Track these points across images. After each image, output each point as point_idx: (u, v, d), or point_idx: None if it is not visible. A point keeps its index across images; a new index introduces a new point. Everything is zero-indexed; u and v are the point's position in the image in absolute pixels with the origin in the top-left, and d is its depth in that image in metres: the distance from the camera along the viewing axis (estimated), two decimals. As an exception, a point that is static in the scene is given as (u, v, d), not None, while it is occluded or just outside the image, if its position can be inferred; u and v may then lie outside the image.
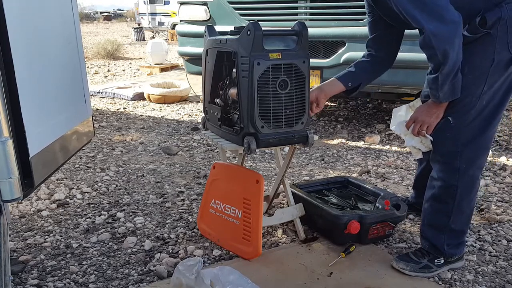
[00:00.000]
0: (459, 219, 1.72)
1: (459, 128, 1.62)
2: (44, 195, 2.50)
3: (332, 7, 3.48)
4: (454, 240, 1.75)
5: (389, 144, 3.60)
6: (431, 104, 1.64)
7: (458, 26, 1.45)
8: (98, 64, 9.17)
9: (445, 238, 1.74)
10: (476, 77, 1.57)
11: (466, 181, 1.66)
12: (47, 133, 1.38)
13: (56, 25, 1.54)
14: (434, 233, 1.76)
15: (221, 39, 1.81)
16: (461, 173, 1.65)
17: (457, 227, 1.73)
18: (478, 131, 1.62)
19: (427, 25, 1.45)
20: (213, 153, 3.40)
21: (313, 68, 3.35)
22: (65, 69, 1.60)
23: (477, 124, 1.61)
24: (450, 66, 1.48)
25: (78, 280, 1.72)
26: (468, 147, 1.63)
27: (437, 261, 1.75)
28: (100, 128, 4.14)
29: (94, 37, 16.00)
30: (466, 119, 1.61)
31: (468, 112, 1.60)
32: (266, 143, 1.72)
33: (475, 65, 1.56)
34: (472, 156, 1.64)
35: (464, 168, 1.64)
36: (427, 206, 1.78)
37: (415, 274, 1.74)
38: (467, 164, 1.64)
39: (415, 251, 1.82)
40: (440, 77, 1.51)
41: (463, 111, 1.61)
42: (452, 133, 1.63)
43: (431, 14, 1.45)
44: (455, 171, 1.65)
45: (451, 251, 1.76)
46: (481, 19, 1.50)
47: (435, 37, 1.44)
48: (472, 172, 1.66)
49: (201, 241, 2.02)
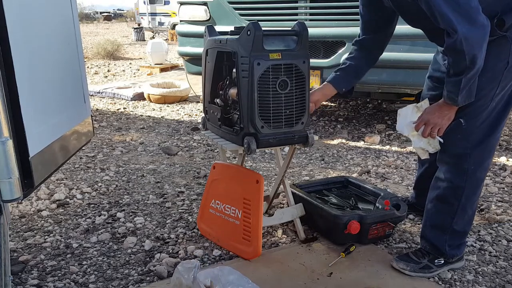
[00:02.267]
0: (462, 220, 1.72)
1: (471, 130, 1.61)
2: (44, 195, 2.50)
3: (332, 7, 3.48)
4: (455, 241, 1.75)
5: (389, 144, 3.60)
6: (443, 106, 1.61)
7: (488, 30, 1.41)
8: (98, 64, 9.17)
9: (446, 239, 1.74)
10: (489, 79, 1.56)
11: (473, 183, 1.66)
12: (47, 133, 1.38)
13: (56, 25, 1.54)
14: (436, 233, 1.76)
15: (221, 39, 1.81)
16: (469, 174, 1.65)
17: (459, 228, 1.73)
18: (487, 133, 1.62)
19: (460, 28, 1.37)
20: (213, 153, 3.40)
21: (313, 68, 3.35)
22: (65, 69, 1.60)
23: (486, 126, 1.61)
24: (475, 70, 1.45)
25: (78, 280, 1.72)
26: (477, 149, 1.63)
27: (437, 261, 1.76)
28: (100, 128, 4.14)
29: (94, 37, 16.00)
30: (478, 120, 1.60)
31: (480, 114, 1.60)
32: (266, 143, 1.72)
33: (488, 67, 1.54)
34: (480, 158, 1.64)
35: (472, 169, 1.64)
36: (430, 207, 1.77)
37: (415, 274, 1.74)
38: (475, 165, 1.64)
39: (415, 251, 1.82)
40: (464, 80, 1.47)
41: (476, 113, 1.60)
42: (463, 135, 1.63)
43: (464, 16, 1.38)
44: (464, 172, 1.65)
45: (452, 252, 1.76)
46: (499, 21, 1.48)
47: (466, 40, 1.39)
48: (479, 174, 1.66)
49: (201, 241, 2.02)
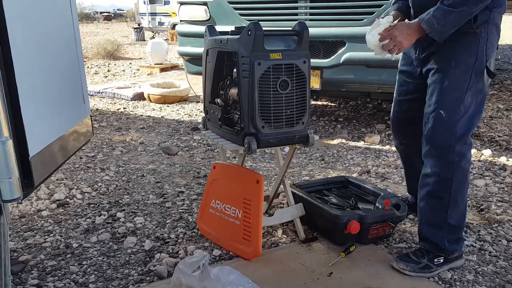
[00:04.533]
0: (455, 214, 1.75)
1: (451, 122, 1.67)
2: (44, 195, 2.50)
3: (332, 7, 3.48)
4: (453, 235, 1.77)
5: (389, 144, 3.60)
6: (414, 27, 1.64)
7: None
8: (98, 64, 9.16)
9: (444, 234, 1.76)
10: (462, 71, 1.65)
11: (459, 174, 1.71)
12: (47, 133, 1.38)
13: (56, 25, 1.54)
14: (434, 231, 1.78)
15: (222, 39, 1.81)
16: (454, 166, 1.69)
17: (454, 222, 1.76)
18: (465, 127, 1.69)
19: None
20: (213, 153, 3.40)
21: (313, 68, 3.34)
22: (64, 69, 1.60)
23: (465, 120, 1.68)
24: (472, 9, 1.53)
25: (78, 280, 1.72)
26: (459, 142, 1.69)
27: (436, 261, 1.76)
28: (100, 128, 4.14)
29: (94, 37, 15.99)
30: (457, 113, 1.67)
31: (458, 107, 1.66)
32: (266, 143, 1.73)
33: (461, 60, 1.64)
34: (462, 150, 1.70)
35: (457, 161, 1.69)
36: (423, 205, 1.80)
37: (415, 274, 1.74)
38: (459, 157, 1.69)
39: (415, 251, 1.83)
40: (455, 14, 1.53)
41: (453, 105, 1.67)
42: (445, 127, 1.68)
43: None
44: (449, 164, 1.69)
45: (452, 247, 1.77)
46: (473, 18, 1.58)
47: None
48: (463, 164, 1.71)
49: (201, 241, 2.02)
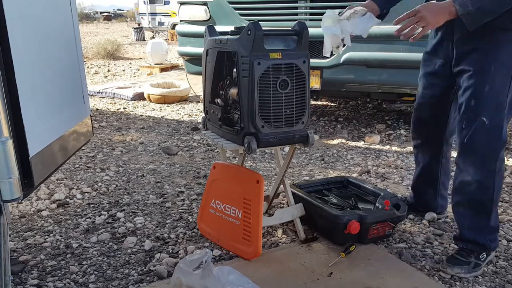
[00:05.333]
0: (495, 215, 1.77)
1: (496, 129, 1.62)
2: (44, 195, 2.50)
3: (332, 7, 3.47)
4: (493, 235, 1.80)
5: (389, 144, 3.60)
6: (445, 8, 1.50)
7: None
8: (98, 64, 9.17)
9: (487, 235, 1.78)
10: (503, 75, 1.57)
11: (499, 179, 1.71)
12: (47, 133, 1.38)
13: (55, 25, 1.54)
14: (477, 233, 1.78)
15: (222, 39, 1.81)
16: (496, 173, 1.68)
17: (493, 223, 1.78)
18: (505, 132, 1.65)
19: None
20: (213, 153, 3.40)
21: (313, 68, 3.34)
22: (64, 69, 1.60)
23: (504, 125, 1.64)
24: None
25: (78, 280, 1.72)
26: (503, 148, 1.66)
27: (481, 256, 1.78)
28: (100, 128, 4.14)
29: (94, 37, 16.00)
30: (501, 120, 1.61)
31: (501, 113, 1.61)
32: (266, 143, 1.72)
33: (503, 62, 1.55)
34: (503, 155, 1.68)
35: (498, 168, 1.67)
36: (463, 210, 1.79)
37: (470, 275, 1.74)
38: (501, 163, 1.67)
39: (458, 252, 1.80)
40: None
41: (496, 111, 1.61)
42: (489, 135, 1.64)
43: None
44: (492, 171, 1.67)
45: (494, 244, 1.81)
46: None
47: None
48: (502, 168, 1.70)
49: (201, 241, 2.02)
